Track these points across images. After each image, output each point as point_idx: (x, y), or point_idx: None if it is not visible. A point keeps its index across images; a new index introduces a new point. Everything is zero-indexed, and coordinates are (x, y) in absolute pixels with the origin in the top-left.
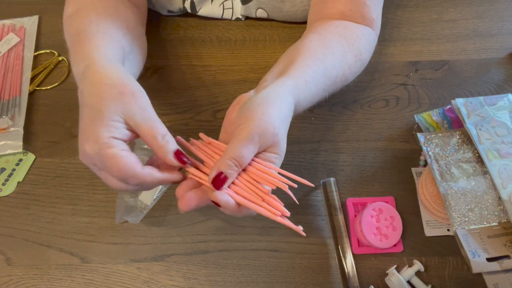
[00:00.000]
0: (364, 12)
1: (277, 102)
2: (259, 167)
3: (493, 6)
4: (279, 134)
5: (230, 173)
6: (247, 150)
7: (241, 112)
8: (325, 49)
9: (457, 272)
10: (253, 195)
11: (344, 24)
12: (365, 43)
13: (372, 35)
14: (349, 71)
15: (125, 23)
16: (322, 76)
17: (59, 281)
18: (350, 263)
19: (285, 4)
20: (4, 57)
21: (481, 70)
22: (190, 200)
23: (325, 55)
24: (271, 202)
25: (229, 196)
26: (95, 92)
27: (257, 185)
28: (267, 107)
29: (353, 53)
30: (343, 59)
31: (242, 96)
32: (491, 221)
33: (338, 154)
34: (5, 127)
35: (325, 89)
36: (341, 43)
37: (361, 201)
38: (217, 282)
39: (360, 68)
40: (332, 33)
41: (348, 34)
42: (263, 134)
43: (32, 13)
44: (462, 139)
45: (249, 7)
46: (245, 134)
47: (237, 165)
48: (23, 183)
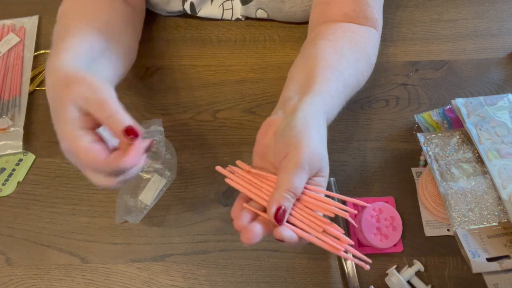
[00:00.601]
0: (368, 12)
1: (316, 126)
2: (311, 194)
3: (493, 6)
4: (324, 157)
5: (288, 206)
6: (300, 180)
7: (284, 140)
8: (340, 58)
9: (457, 272)
10: (311, 225)
11: (350, 28)
12: (372, 46)
13: (377, 36)
14: (362, 77)
15: (102, 22)
16: (343, 86)
17: (59, 281)
18: (350, 263)
19: (285, 4)
20: (4, 57)
21: (481, 70)
22: (256, 233)
23: (341, 64)
24: (332, 231)
25: (291, 231)
26: (51, 95)
27: (313, 214)
28: (310, 134)
29: (364, 59)
30: (356, 66)
31: (272, 120)
32: (491, 221)
33: (338, 154)
34: (5, 127)
35: (345, 99)
36: (353, 49)
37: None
38: (217, 282)
39: (370, 71)
40: (342, 39)
41: (357, 39)
42: (311, 161)
43: (32, 13)
44: (462, 139)
45: (249, 8)
46: (296, 164)
47: (293, 197)
48: (23, 183)
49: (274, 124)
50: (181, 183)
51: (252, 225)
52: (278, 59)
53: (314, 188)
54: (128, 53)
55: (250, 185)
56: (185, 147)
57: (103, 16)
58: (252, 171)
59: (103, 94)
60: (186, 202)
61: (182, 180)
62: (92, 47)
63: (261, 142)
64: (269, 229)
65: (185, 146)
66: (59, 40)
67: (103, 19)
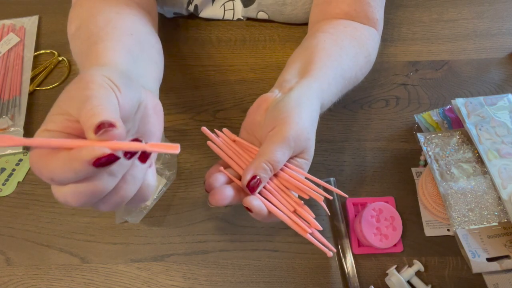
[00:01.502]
0: (368, 12)
1: (309, 107)
2: (291, 173)
3: (493, 6)
4: (311, 139)
5: (264, 177)
6: (282, 154)
7: (274, 114)
8: (340, 50)
9: (457, 272)
10: (283, 203)
11: (352, 24)
12: (373, 44)
13: (377, 36)
14: (360, 72)
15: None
16: (341, 77)
17: (59, 281)
18: (350, 263)
19: (286, 7)
20: (4, 57)
21: (481, 70)
22: (226, 195)
23: (341, 56)
24: (303, 213)
25: (261, 202)
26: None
27: (288, 193)
28: (301, 112)
29: (363, 54)
30: (355, 60)
31: (266, 97)
32: (491, 221)
33: (338, 154)
34: (5, 127)
35: (342, 90)
36: (353, 43)
37: (361, 201)
38: (217, 282)
39: (368, 69)
40: (343, 33)
41: (358, 35)
42: (298, 138)
43: (32, 13)
44: (462, 139)
45: (250, 10)
46: (281, 137)
47: (271, 169)
48: (23, 183)
49: (267, 101)
50: (181, 183)
51: (223, 187)
52: (278, 59)
53: (295, 168)
54: (159, 52)
55: (231, 152)
56: (185, 147)
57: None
58: (237, 139)
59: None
60: (186, 202)
61: (182, 180)
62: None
63: (252, 117)
64: (240, 198)
65: (185, 146)
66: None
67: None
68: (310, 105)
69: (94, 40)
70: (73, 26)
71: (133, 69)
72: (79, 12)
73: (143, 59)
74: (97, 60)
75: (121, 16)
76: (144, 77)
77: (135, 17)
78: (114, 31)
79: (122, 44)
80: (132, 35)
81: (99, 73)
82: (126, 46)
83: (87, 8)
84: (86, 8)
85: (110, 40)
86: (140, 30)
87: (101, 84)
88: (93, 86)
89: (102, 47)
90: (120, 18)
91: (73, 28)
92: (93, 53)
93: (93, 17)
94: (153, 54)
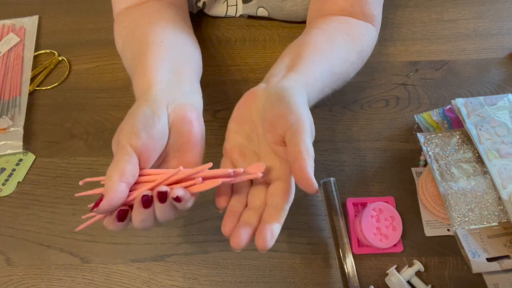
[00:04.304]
0: (365, 8)
1: (301, 96)
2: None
3: (493, 6)
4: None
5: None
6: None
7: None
8: (330, 46)
9: (457, 272)
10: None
11: (347, 20)
12: (367, 39)
13: (373, 32)
14: (351, 68)
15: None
16: (329, 73)
17: (59, 281)
18: (350, 263)
19: (286, 3)
20: (4, 57)
21: (481, 70)
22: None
23: (331, 52)
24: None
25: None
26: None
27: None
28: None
29: (355, 50)
30: (347, 56)
31: (254, 91)
32: (491, 221)
33: (338, 154)
34: (5, 127)
35: (330, 87)
36: (345, 39)
37: (361, 201)
38: (217, 282)
39: (361, 65)
40: (336, 29)
41: (352, 31)
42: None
43: (32, 13)
44: (462, 139)
45: (250, 6)
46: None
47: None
48: (23, 183)
49: (255, 95)
50: None
51: (241, 230)
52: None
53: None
54: (192, 43)
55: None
56: None
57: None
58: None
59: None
60: None
61: None
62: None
63: (241, 110)
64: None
65: None
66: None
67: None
68: (298, 93)
69: (135, 64)
70: (119, 44)
71: (170, 81)
72: (121, 30)
73: (178, 62)
74: (142, 87)
75: (153, 26)
76: (181, 85)
77: (164, 22)
78: (148, 47)
79: (156, 59)
80: (162, 42)
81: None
82: (159, 57)
83: (126, 25)
84: (125, 25)
85: (147, 59)
86: (170, 33)
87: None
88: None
89: (141, 71)
90: (152, 28)
91: (120, 46)
92: (136, 81)
93: (132, 34)
94: (185, 50)
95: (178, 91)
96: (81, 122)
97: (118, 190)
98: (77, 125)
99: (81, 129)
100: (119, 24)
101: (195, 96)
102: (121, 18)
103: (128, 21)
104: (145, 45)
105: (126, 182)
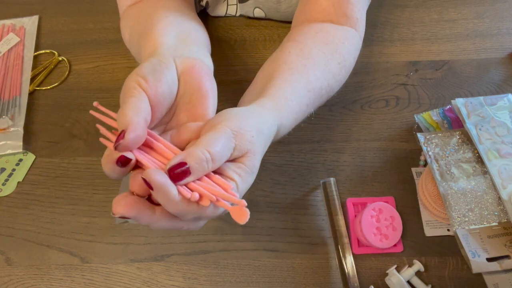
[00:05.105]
0: (348, 10)
1: (256, 118)
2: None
3: (493, 6)
4: (256, 145)
5: (196, 169)
6: (223, 146)
7: (213, 119)
8: (305, 60)
9: (457, 272)
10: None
11: (324, 28)
12: (348, 47)
13: (356, 37)
14: (333, 80)
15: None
16: (305, 90)
17: (59, 281)
18: (350, 263)
19: (281, 5)
20: (4, 57)
21: (481, 70)
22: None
23: (306, 67)
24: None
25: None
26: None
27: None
28: (247, 116)
29: (336, 60)
30: (326, 68)
31: None
32: (491, 221)
33: (338, 154)
34: (5, 127)
35: (309, 104)
36: (323, 50)
37: (361, 201)
38: (217, 282)
39: (345, 75)
40: (311, 40)
41: (330, 40)
42: (239, 134)
43: (32, 13)
44: (462, 139)
45: (246, 6)
46: (220, 129)
47: (209, 161)
48: (23, 183)
49: None
50: None
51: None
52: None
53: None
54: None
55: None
56: None
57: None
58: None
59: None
60: None
61: None
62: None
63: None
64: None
65: None
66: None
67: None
68: (259, 117)
69: (141, 40)
70: (126, 35)
71: (176, 43)
72: (127, 22)
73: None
74: (149, 52)
75: (157, 10)
76: (188, 46)
77: (169, 3)
78: (153, 22)
79: (161, 28)
80: (167, 17)
81: (133, 76)
82: (164, 27)
83: (131, 17)
84: (130, 17)
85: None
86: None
87: (131, 87)
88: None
89: (147, 41)
90: (157, 11)
91: (126, 37)
92: (142, 52)
93: (137, 21)
94: (191, 24)
95: (185, 49)
96: (81, 122)
97: (139, 122)
98: (77, 125)
99: (81, 129)
100: (125, 19)
101: (204, 57)
102: (126, 14)
103: (133, 13)
104: (150, 22)
105: (143, 117)
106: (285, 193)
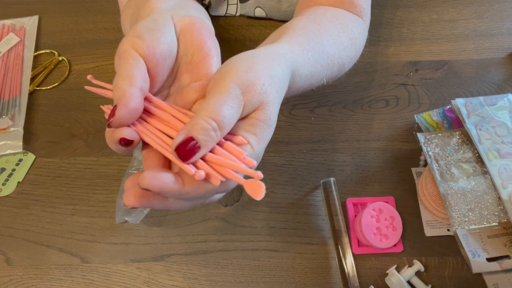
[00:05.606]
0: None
1: (268, 60)
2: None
3: (493, 6)
4: (269, 93)
5: (205, 141)
6: (229, 108)
7: (217, 73)
8: (318, 26)
9: (457, 272)
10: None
11: (334, 9)
12: (358, 27)
13: (363, 25)
14: (344, 54)
15: None
16: (320, 51)
17: (59, 281)
18: (350, 263)
19: (282, 4)
20: (4, 57)
21: (481, 70)
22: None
23: (319, 31)
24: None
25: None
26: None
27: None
28: (254, 63)
29: (347, 35)
30: (337, 39)
31: None
32: (491, 221)
33: (338, 154)
34: (5, 127)
35: (323, 67)
36: (334, 23)
37: (361, 201)
38: (217, 282)
39: (355, 54)
40: (322, 15)
41: (340, 16)
42: (247, 89)
43: (32, 13)
44: (462, 139)
45: (247, 5)
46: (224, 87)
47: (217, 129)
48: (23, 183)
49: None
50: None
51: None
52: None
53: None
54: None
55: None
56: None
57: None
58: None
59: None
60: None
61: None
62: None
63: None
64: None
65: None
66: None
67: None
68: (272, 60)
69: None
70: (127, 25)
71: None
72: (127, 13)
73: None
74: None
75: None
76: (185, 10)
77: None
78: None
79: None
80: None
81: (127, 38)
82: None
83: (131, 6)
84: (131, 6)
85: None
86: None
87: (125, 51)
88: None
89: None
90: None
91: (127, 26)
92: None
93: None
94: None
95: (182, 10)
96: (81, 122)
97: (133, 93)
98: (77, 125)
99: (81, 129)
100: (125, 11)
101: (204, 18)
102: (126, 7)
103: (132, 3)
104: None
105: (139, 87)
106: (285, 193)
